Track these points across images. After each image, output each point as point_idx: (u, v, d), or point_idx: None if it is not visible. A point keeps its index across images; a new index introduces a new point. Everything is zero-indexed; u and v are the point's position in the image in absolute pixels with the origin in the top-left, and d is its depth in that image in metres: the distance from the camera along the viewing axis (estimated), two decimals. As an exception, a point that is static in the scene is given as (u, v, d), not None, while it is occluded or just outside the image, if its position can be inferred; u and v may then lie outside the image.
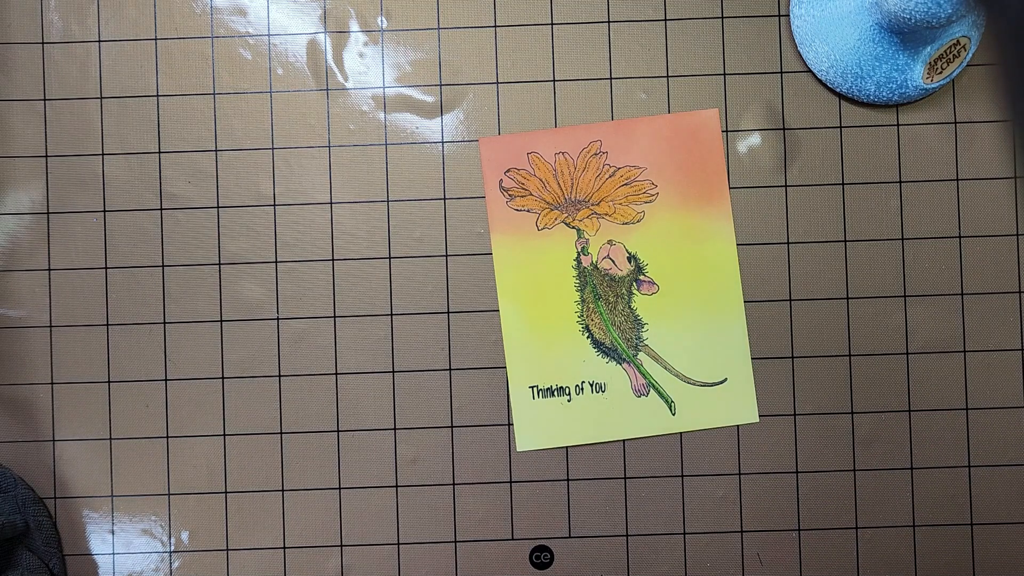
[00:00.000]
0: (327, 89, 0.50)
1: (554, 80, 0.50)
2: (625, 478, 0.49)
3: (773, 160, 0.50)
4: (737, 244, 0.49)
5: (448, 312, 0.50)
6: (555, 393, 0.49)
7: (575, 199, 0.50)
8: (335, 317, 0.50)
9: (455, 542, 0.50)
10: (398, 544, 0.50)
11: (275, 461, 0.50)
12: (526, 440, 0.49)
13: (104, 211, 0.50)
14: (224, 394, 0.50)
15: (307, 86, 0.50)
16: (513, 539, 0.49)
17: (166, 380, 0.50)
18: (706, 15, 0.50)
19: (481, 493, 0.50)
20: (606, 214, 0.49)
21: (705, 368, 0.49)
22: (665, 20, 0.50)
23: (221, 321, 0.50)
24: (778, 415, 0.49)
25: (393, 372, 0.50)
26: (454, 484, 0.50)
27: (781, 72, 0.50)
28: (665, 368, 0.49)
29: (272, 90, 0.50)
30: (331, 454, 0.50)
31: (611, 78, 0.50)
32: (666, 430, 0.49)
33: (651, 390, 0.49)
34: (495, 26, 0.50)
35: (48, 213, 0.50)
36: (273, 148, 0.50)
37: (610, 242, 0.50)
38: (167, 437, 0.50)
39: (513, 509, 0.49)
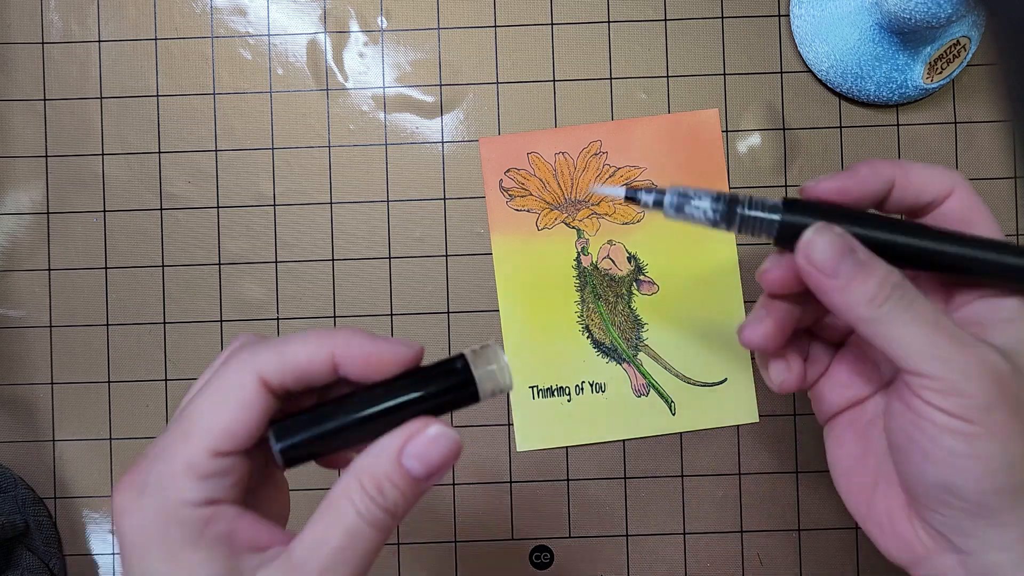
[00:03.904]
0: (327, 89, 0.50)
1: (554, 80, 0.50)
2: (625, 478, 0.49)
3: (773, 160, 0.50)
4: (737, 244, 0.49)
5: (448, 312, 0.50)
6: (555, 393, 0.49)
7: (575, 199, 0.50)
8: (335, 317, 0.50)
9: (455, 542, 0.50)
10: (398, 544, 0.50)
11: (275, 461, 0.50)
12: (526, 440, 0.49)
13: (104, 211, 0.50)
14: (224, 394, 0.50)
15: (307, 86, 0.50)
16: (513, 539, 0.49)
17: (166, 380, 0.50)
18: (706, 15, 0.50)
19: (481, 493, 0.50)
20: (606, 214, 0.49)
21: (705, 368, 0.49)
22: (665, 20, 0.50)
23: (221, 321, 0.50)
24: (778, 415, 0.49)
25: (393, 372, 0.50)
26: (454, 484, 0.50)
27: (781, 72, 0.50)
28: (665, 368, 0.49)
29: (272, 90, 0.50)
30: (331, 454, 0.50)
31: (611, 78, 0.50)
32: (666, 430, 0.49)
33: (651, 390, 0.49)
34: (495, 26, 0.50)
35: (48, 213, 0.50)
36: (273, 148, 0.50)
37: (610, 242, 0.50)
38: (167, 437, 0.50)
39: (513, 509, 0.49)
